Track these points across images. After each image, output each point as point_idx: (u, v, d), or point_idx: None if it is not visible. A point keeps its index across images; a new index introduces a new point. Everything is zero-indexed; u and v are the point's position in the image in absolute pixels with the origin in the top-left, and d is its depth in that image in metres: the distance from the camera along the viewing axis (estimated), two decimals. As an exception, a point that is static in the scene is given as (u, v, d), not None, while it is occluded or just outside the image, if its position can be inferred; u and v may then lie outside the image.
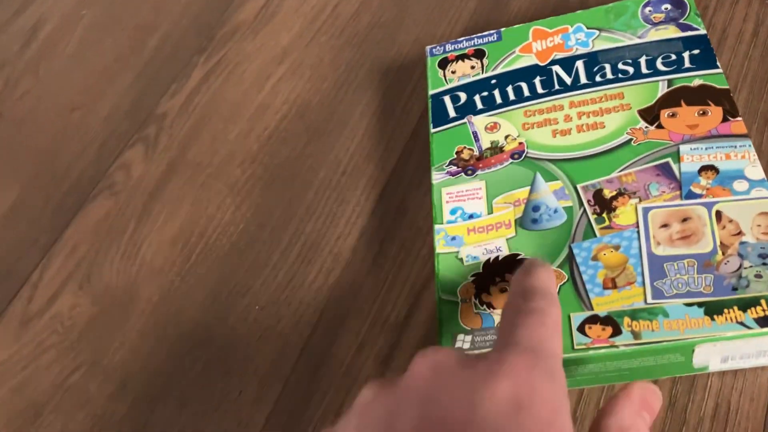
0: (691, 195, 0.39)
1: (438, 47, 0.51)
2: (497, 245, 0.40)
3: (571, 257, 0.39)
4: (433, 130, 0.46)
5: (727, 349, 0.35)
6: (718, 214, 0.38)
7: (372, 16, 0.60)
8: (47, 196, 0.57)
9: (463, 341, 0.38)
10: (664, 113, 0.42)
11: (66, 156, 0.59)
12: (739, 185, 0.38)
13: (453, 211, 0.43)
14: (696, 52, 0.44)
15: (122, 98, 0.62)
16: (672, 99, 0.42)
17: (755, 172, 0.39)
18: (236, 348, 0.46)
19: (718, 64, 0.43)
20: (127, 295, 0.50)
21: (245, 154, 0.54)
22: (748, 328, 0.34)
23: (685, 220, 0.38)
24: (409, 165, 0.50)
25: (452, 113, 0.47)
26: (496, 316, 0.38)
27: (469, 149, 0.45)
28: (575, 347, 0.36)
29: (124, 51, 0.65)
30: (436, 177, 0.44)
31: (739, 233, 0.37)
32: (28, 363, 0.48)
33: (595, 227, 0.39)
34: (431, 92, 0.48)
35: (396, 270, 0.46)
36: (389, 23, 0.59)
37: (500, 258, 0.40)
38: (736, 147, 0.40)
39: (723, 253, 0.36)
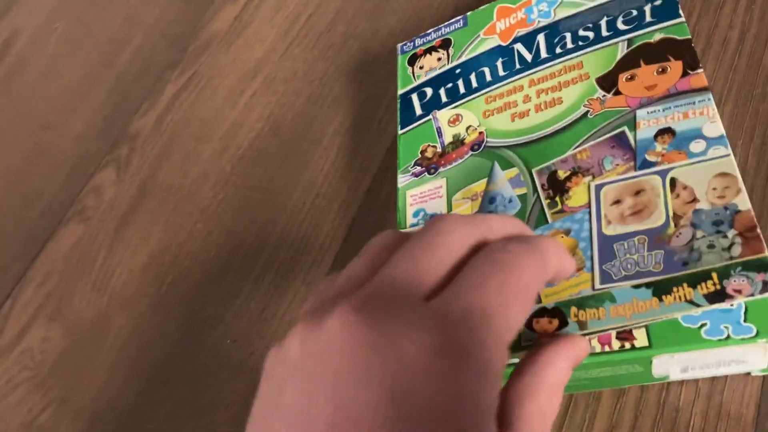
0: (645, 164, 0.35)
1: (408, 43, 0.48)
2: None
3: None
4: (400, 132, 0.44)
5: (685, 360, 0.33)
6: (673, 181, 0.34)
7: (347, 26, 0.57)
8: (18, 222, 0.56)
9: None
10: (622, 77, 0.38)
11: (38, 178, 0.58)
12: (696, 146, 0.34)
13: (416, 214, 0.40)
14: (657, 2, 0.40)
15: (94, 116, 0.60)
16: (630, 60, 0.39)
17: (713, 128, 0.34)
18: (208, 384, 0.44)
19: (680, 12, 0.39)
20: (97, 327, 0.48)
21: (217, 175, 0.53)
22: (697, 305, 0.30)
23: (637, 193, 0.34)
24: (384, 185, 0.48)
25: (419, 111, 0.44)
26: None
27: (433, 147, 0.42)
28: (523, 345, 0.32)
29: (96, 66, 0.63)
30: (401, 180, 0.42)
31: (694, 200, 0.33)
32: (-2, 401, 0.47)
33: (548, 213, 0.36)
34: (400, 92, 0.46)
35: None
36: (364, 33, 0.56)
37: None
38: (695, 103, 0.35)
39: (675, 225, 0.32)
